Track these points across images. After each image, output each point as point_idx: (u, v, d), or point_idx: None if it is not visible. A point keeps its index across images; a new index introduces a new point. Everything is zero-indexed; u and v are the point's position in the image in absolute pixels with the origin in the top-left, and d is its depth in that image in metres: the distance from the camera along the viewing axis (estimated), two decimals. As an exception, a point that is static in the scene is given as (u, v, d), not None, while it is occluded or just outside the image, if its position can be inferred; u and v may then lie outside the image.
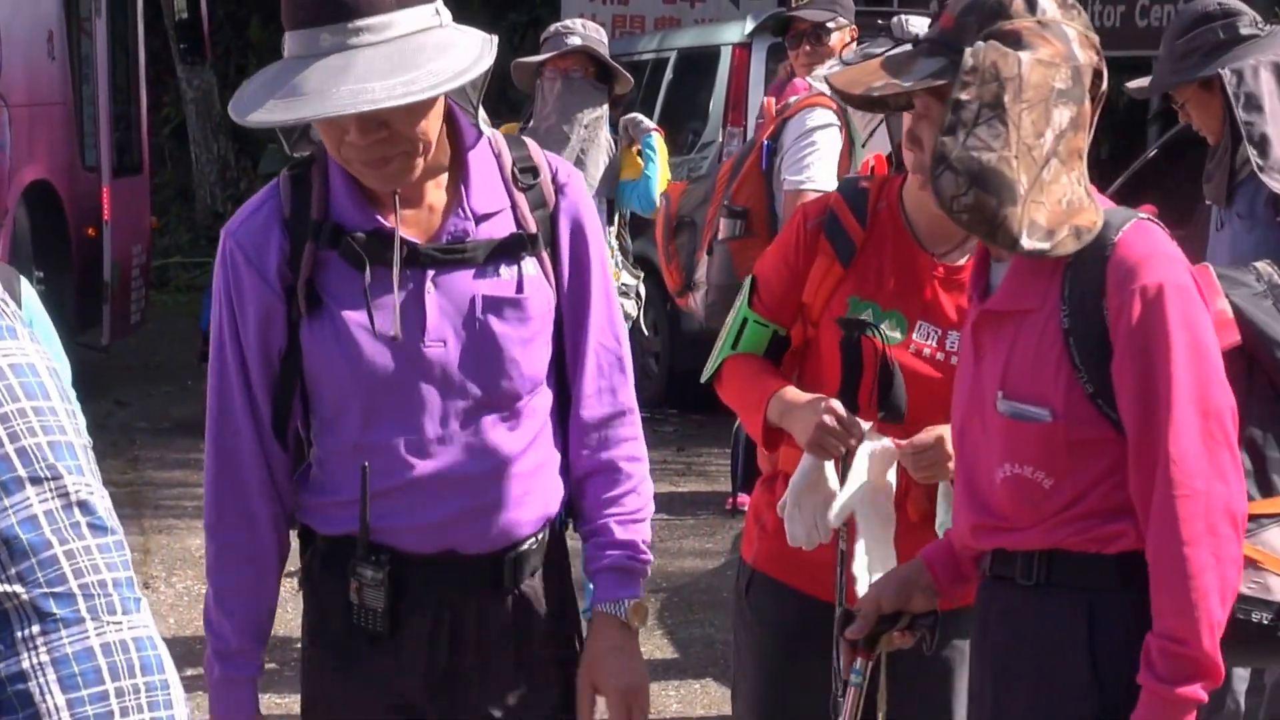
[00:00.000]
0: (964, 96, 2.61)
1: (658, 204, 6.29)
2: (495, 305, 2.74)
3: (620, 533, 2.86)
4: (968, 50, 2.63)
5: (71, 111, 10.90)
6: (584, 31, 6.35)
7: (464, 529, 2.77)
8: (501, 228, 2.76)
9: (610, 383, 2.87)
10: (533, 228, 2.78)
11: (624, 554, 2.86)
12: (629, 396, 2.89)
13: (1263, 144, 4.41)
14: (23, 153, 10.07)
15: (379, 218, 2.72)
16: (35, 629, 1.67)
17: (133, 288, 11.71)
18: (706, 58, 11.27)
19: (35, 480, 1.69)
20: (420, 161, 2.64)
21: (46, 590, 1.67)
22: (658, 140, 6.54)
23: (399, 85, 2.49)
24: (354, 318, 2.71)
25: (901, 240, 3.27)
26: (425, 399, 2.73)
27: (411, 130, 2.60)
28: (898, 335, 3.25)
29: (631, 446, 2.90)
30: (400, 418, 2.73)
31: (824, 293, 3.28)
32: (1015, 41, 2.63)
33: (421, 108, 2.59)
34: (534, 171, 2.81)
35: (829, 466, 3.12)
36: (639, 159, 6.49)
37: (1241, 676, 4.58)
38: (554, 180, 2.81)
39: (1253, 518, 2.72)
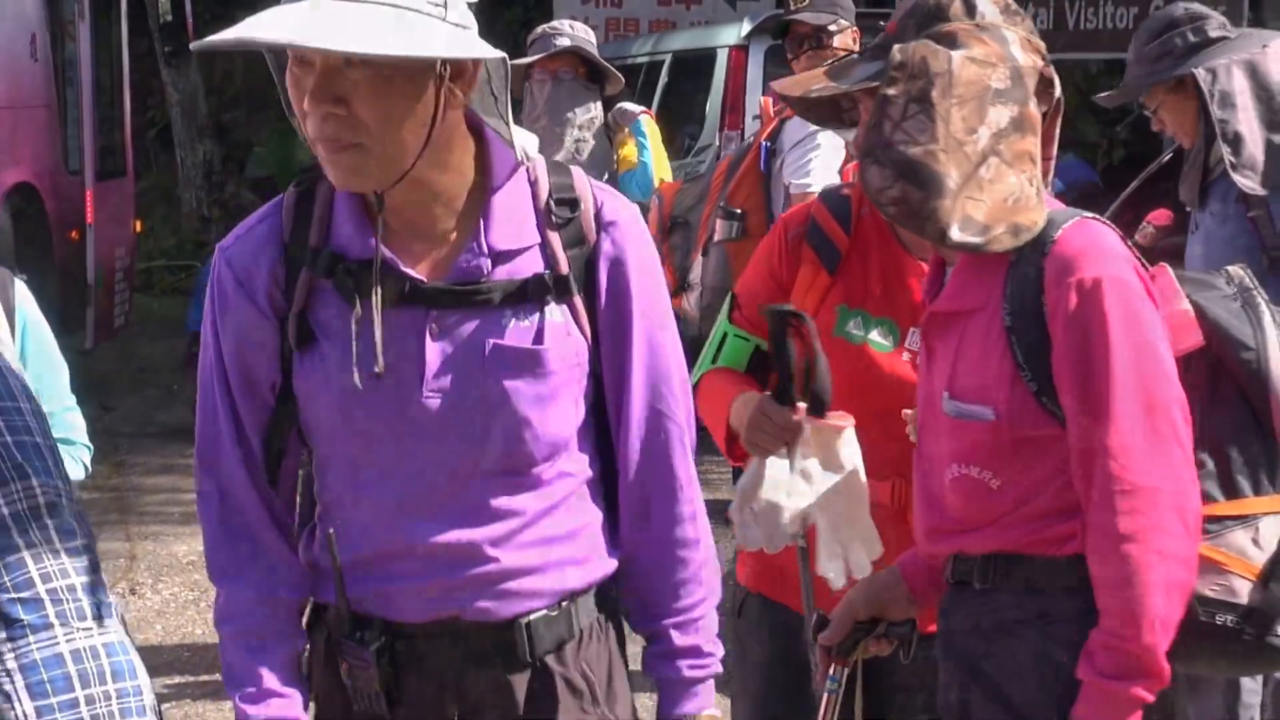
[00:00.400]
0: (891, 91, 2.66)
1: (655, 185, 6.26)
2: (507, 357, 2.44)
3: (679, 638, 2.58)
4: (896, 47, 2.69)
5: (55, 114, 10.91)
6: (572, 32, 6.34)
7: (466, 596, 2.48)
8: (525, 268, 2.47)
9: (661, 450, 2.56)
10: (564, 269, 2.48)
11: (686, 664, 2.59)
12: (685, 466, 2.59)
13: (1236, 142, 4.51)
14: (5, 155, 10.08)
15: (383, 247, 2.44)
16: (2, 635, 1.64)
17: (116, 290, 11.72)
18: (703, 60, 11.25)
19: (0, 481, 1.65)
20: (382, 163, 2.37)
21: (13, 595, 1.65)
22: (647, 123, 6.51)
23: (338, 37, 2.25)
24: (342, 358, 2.44)
25: (887, 246, 3.27)
26: (420, 456, 2.45)
27: (371, 115, 2.32)
28: (889, 343, 3.23)
29: (686, 527, 2.58)
30: (391, 474, 2.47)
31: (811, 302, 3.27)
32: (950, 42, 2.69)
33: (386, 92, 2.33)
34: (573, 204, 2.50)
35: (773, 464, 3.07)
36: (633, 148, 6.45)
37: (1254, 690, 4.55)
38: (597, 215, 2.51)
39: (1217, 519, 2.74)
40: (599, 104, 6.31)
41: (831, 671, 2.96)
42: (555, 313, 2.48)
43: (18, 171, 10.30)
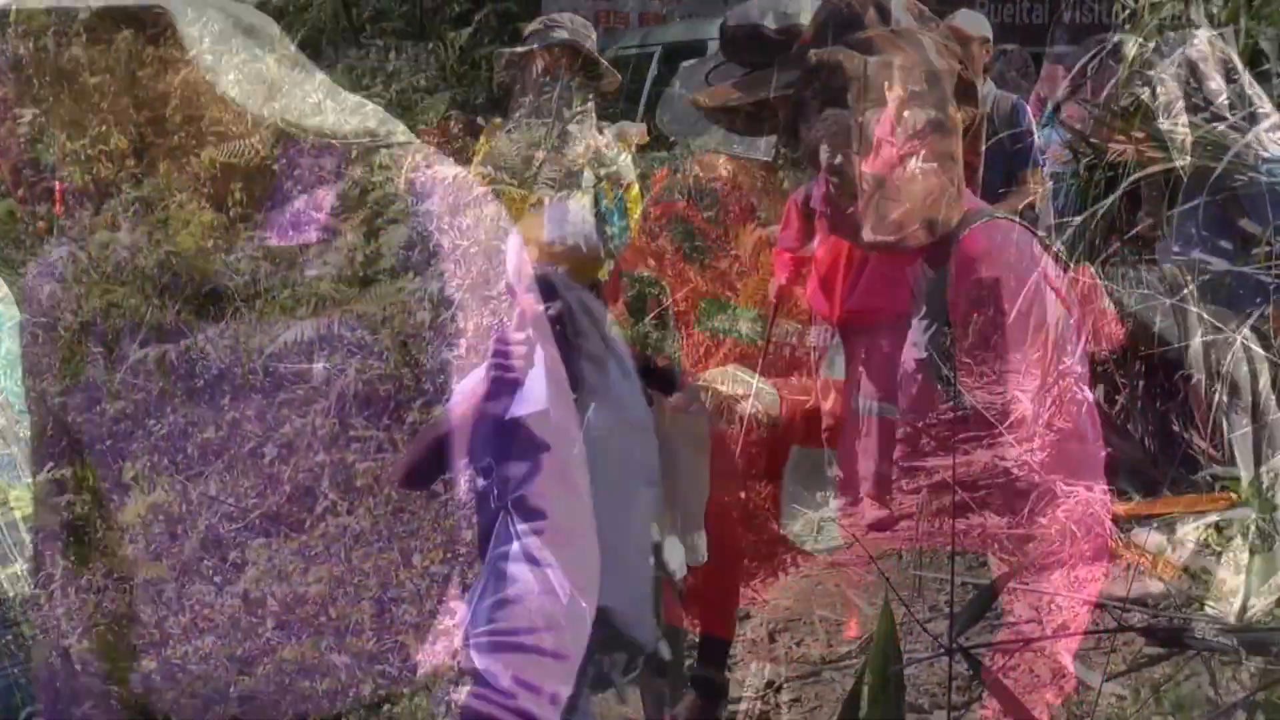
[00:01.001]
0: (807, 94, 2.74)
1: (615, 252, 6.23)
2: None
3: (471, 658, 2.11)
4: (811, 52, 2.78)
5: (25, 102, 10.89)
6: (571, 25, 6.38)
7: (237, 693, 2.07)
8: None
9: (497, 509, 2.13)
10: None
11: (469, 693, 2.10)
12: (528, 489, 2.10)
13: (1185, 147, 4.69)
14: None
15: None
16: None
17: (86, 286, 11.73)
18: (693, 53, 11.24)
19: (-24, 492, 1.61)
20: None
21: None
22: (629, 198, 6.46)
23: None
24: None
25: (757, 239, 3.38)
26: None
27: None
28: (755, 334, 3.35)
29: (511, 564, 2.12)
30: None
31: (678, 296, 3.38)
32: (866, 48, 2.75)
33: None
34: None
35: None
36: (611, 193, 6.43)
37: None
38: None
39: (1135, 517, 2.84)
40: (590, 102, 6.31)
41: (753, 668, 2.99)
42: None
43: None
